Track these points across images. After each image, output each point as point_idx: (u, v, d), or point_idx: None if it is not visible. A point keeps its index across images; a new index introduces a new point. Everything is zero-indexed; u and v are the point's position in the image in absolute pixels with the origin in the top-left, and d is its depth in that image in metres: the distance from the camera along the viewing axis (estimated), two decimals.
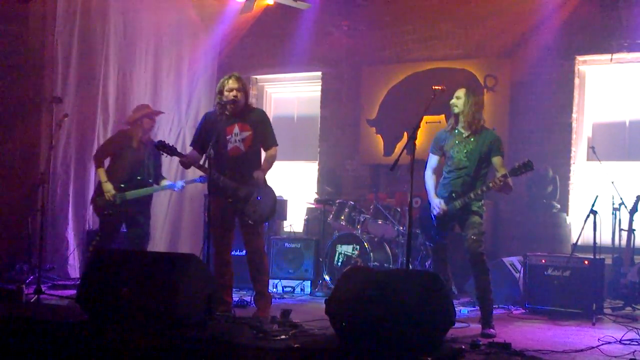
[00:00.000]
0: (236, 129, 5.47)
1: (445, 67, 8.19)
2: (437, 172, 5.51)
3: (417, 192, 5.00)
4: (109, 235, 6.31)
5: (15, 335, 4.61)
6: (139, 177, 6.31)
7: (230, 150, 5.46)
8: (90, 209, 6.86)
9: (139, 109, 6.56)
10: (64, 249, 7.57)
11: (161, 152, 5.73)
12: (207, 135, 5.41)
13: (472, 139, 5.27)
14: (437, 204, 5.28)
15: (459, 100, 5.30)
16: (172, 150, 5.47)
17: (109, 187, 6.20)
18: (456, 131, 5.36)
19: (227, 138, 5.46)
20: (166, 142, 5.51)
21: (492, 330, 5.03)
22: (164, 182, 6.55)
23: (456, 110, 5.31)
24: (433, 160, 5.49)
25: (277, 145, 5.60)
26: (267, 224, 6.78)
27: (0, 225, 7.58)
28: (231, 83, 5.44)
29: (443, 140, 5.41)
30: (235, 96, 5.42)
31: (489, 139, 5.26)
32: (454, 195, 5.25)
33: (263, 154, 5.62)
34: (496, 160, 5.23)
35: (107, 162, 6.43)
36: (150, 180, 6.39)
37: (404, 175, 6.20)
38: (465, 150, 5.26)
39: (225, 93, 5.44)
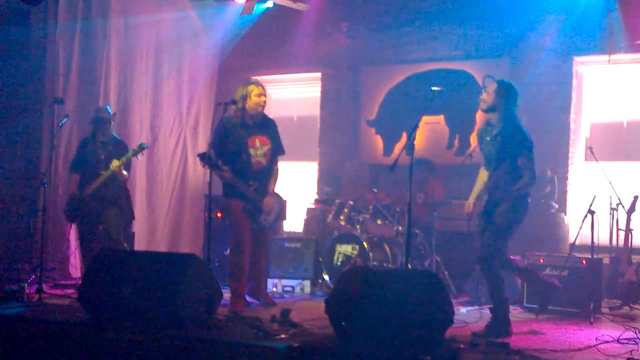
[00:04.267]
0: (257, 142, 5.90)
1: (445, 67, 8.22)
2: None
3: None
4: (88, 236, 6.55)
5: (17, 335, 4.64)
6: (92, 171, 6.46)
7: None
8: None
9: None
10: (65, 249, 7.60)
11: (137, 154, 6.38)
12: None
13: None
14: None
15: None
16: (213, 165, 5.49)
17: (74, 187, 6.52)
18: None
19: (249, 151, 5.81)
20: (208, 155, 5.48)
21: None
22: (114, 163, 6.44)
23: None
24: None
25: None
26: None
27: (1, 225, 7.63)
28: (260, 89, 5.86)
29: None
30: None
31: None
32: None
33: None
34: None
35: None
36: (102, 172, 6.45)
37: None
38: None
39: (254, 99, 5.79)
